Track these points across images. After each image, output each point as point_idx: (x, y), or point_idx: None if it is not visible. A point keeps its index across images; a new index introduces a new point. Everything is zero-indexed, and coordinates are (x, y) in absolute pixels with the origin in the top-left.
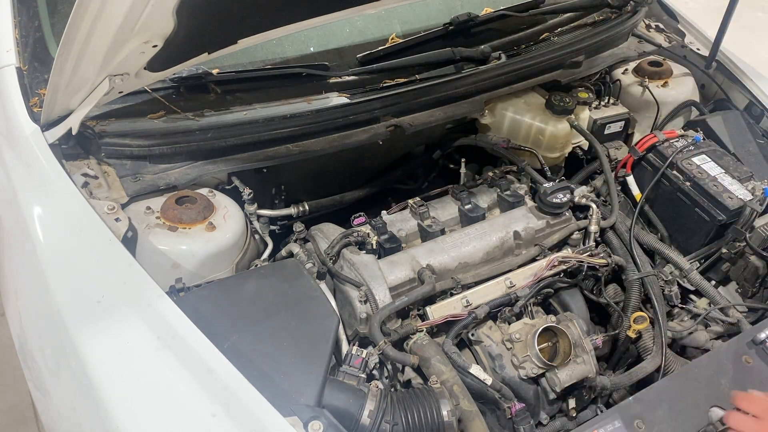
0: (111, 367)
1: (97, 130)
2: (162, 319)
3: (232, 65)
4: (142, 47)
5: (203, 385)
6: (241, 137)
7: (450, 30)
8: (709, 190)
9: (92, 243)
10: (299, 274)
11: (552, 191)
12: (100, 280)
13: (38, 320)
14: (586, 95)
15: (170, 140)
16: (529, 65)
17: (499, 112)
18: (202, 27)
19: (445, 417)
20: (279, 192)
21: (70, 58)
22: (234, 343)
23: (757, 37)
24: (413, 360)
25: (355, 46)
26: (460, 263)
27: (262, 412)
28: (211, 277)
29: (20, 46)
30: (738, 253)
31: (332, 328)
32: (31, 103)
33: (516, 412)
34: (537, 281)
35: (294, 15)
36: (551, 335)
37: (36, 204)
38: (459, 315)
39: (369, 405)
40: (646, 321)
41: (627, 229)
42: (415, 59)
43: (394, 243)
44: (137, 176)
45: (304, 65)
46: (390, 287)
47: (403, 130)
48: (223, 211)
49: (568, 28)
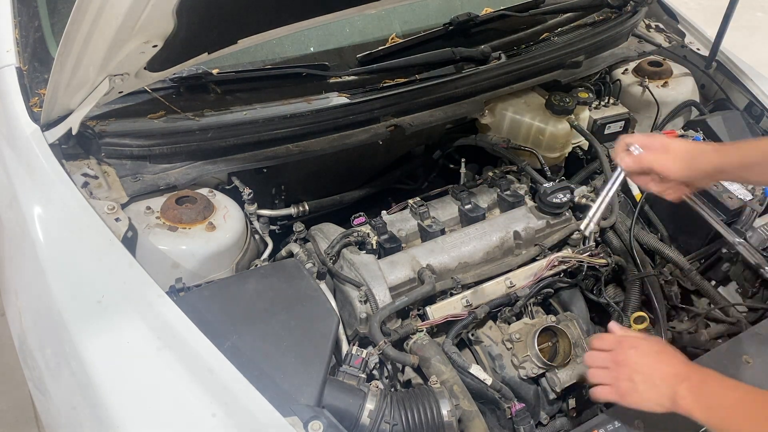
0: (111, 366)
1: (97, 130)
2: (162, 319)
3: (232, 65)
4: (142, 47)
5: (203, 385)
6: (241, 137)
7: (450, 30)
8: (709, 190)
9: (92, 243)
10: (299, 274)
11: (552, 191)
12: (100, 280)
13: (38, 320)
14: (586, 95)
15: (170, 140)
16: (529, 65)
17: (499, 112)
18: (202, 27)
19: (445, 417)
20: (279, 192)
21: (70, 58)
22: (234, 343)
23: (757, 37)
24: (413, 360)
25: (355, 46)
26: (460, 263)
27: (262, 412)
28: (211, 277)
29: (20, 46)
30: (738, 253)
31: (332, 328)
32: (31, 103)
33: (516, 412)
34: (537, 281)
35: (294, 15)
36: (551, 335)
37: (36, 204)
38: (459, 315)
39: (369, 405)
40: (646, 321)
41: (627, 229)
42: (415, 59)
43: (394, 243)
44: (137, 176)
45: (304, 65)
46: (390, 287)
47: (403, 130)
48: (223, 211)
49: (568, 28)
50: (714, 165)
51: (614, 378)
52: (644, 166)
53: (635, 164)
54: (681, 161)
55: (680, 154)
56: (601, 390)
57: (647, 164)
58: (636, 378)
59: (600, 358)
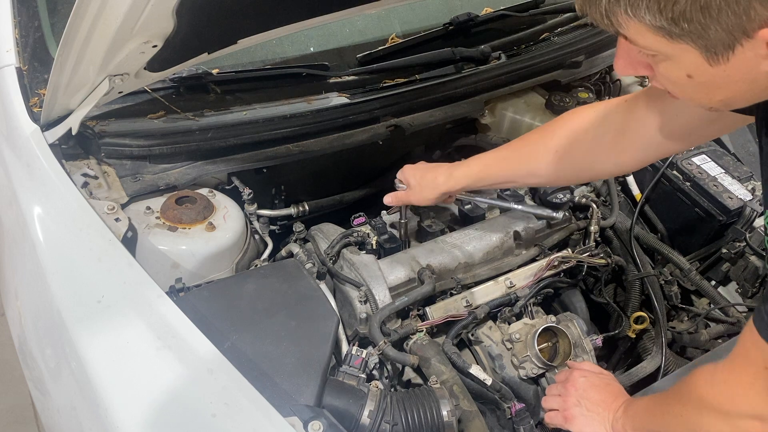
0: (111, 367)
1: (97, 130)
2: (162, 319)
3: (232, 65)
4: (142, 47)
5: (203, 385)
6: (241, 137)
7: (450, 30)
8: (709, 190)
9: (92, 243)
10: (299, 274)
11: (552, 191)
12: (99, 280)
13: (38, 320)
14: (586, 95)
15: (170, 140)
16: (529, 65)
17: (499, 112)
18: (202, 27)
19: (445, 417)
20: (279, 192)
21: (70, 58)
22: (234, 343)
23: None
24: (413, 360)
25: (355, 46)
26: (460, 263)
27: (262, 412)
28: (211, 277)
29: (20, 46)
30: (738, 253)
31: (332, 328)
32: (31, 103)
33: (516, 412)
34: (537, 281)
35: (294, 15)
36: (551, 335)
37: (36, 204)
38: (459, 315)
39: (369, 405)
40: (646, 321)
41: (627, 229)
42: (415, 59)
43: (394, 243)
44: (137, 176)
45: (304, 65)
46: (390, 287)
47: (403, 130)
48: (223, 211)
49: (568, 28)
50: (461, 186)
51: (563, 403)
52: (403, 201)
53: (394, 200)
54: (428, 192)
55: (423, 186)
56: (553, 415)
57: (405, 199)
58: (583, 403)
59: (555, 387)
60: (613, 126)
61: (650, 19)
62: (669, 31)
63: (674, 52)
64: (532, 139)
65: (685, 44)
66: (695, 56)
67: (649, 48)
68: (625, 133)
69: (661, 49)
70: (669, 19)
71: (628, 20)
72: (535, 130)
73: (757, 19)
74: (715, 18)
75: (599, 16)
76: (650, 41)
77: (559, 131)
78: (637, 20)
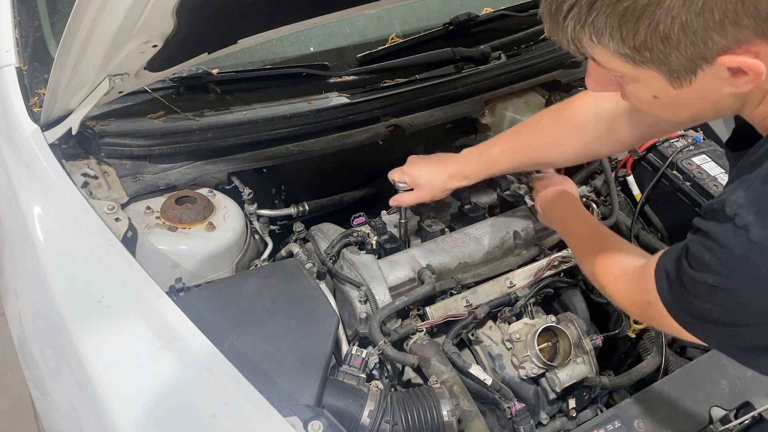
0: (111, 366)
1: (97, 130)
2: (162, 319)
3: (232, 65)
4: (142, 47)
5: (203, 385)
6: (241, 137)
7: (450, 30)
8: (709, 190)
9: (92, 243)
10: (299, 274)
11: None
12: (100, 280)
13: (38, 320)
14: None
15: (170, 140)
16: (529, 65)
17: (499, 112)
18: (202, 27)
19: (445, 417)
20: (279, 192)
21: (70, 58)
22: (234, 343)
23: None
24: (413, 360)
25: (355, 46)
26: (460, 263)
27: (262, 412)
28: (211, 277)
29: (20, 46)
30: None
31: (332, 328)
32: (31, 103)
33: (516, 412)
34: (537, 281)
35: (294, 15)
36: (551, 335)
37: (36, 204)
38: (459, 315)
39: (369, 405)
40: None
41: (627, 229)
42: (415, 59)
43: (394, 243)
44: (137, 176)
45: (304, 65)
46: (390, 287)
47: (403, 130)
48: (223, 211)
49: None
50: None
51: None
52: (414, 202)
53: (395, 203)
54: (438, 192)
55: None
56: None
57: (417, 200)
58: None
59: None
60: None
61: (614, 46)
62: (632, 58)
63: (639, 75)
64: (543, 124)
65: (649, 69)
66: (659, 80)
67: (616, 71)
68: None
69: (627, 72)
70: (631, 48)
71: (593, 46)
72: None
73: (715, 47)
74: (675, 47)
75: (566, 42)
76: (616, 65)
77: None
78: (602, 47)
